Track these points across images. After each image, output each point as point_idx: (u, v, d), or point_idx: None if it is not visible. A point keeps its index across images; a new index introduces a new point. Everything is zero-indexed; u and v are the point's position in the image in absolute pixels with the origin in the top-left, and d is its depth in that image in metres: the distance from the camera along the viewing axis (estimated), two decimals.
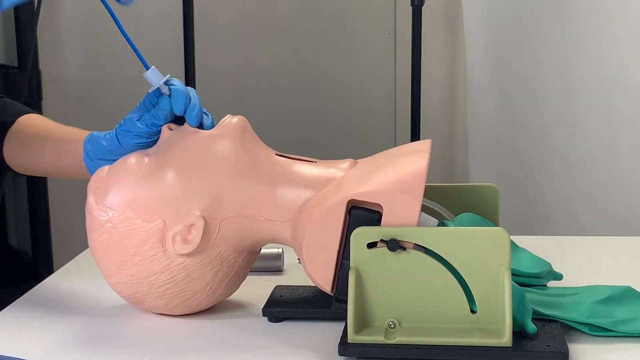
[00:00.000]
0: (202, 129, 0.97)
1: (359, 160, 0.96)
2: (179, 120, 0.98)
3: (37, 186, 2.37)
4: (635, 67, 1.88)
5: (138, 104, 0.99)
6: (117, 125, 0.99)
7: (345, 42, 2.51)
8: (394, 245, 0.85)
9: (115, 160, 0.99)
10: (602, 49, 1.95)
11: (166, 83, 0.97)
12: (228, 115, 0.97)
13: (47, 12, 2.28)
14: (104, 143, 0.99)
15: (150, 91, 0.97)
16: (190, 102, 0.96)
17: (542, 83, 2.08)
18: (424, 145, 0.94)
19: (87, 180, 0.99)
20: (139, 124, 0.96)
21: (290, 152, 1.00)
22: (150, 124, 0.96)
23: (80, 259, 1.21)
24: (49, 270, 2.27)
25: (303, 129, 2.54)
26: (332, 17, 2.50)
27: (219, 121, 0.98)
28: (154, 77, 0.96)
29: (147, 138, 0.97)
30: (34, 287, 1.11)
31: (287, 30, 2.51)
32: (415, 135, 2.29)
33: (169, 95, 0.96)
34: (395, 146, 1.20)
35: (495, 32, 2.16)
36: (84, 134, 1.03)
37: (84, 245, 1.06)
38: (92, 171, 1.01)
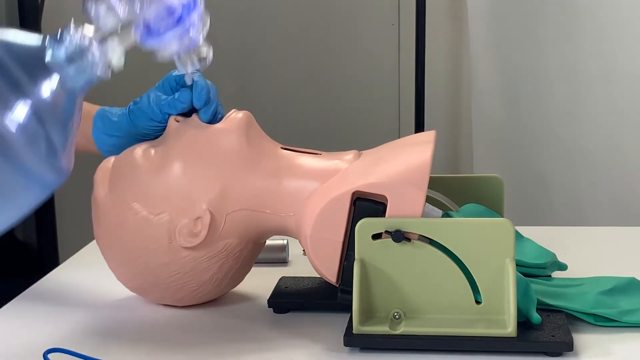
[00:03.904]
0: (211, 123, 0.97)
1: (364, 152, 0.97)
2: (186, 112, 0.98)
3: None
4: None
5: (156, 85, 0.98)
6: (131, 103, 0.99)
7: (349, 32, 2.51)
8: (399, 236, 0.85)
9: (124, 137, 0.99)
10: (607, 39, 1.95)
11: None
12: (233, 110, 0.97)
13: (51, 6, 2.28)
14: (115, 119, 1.00)
15: (174, 74, 0.97)
16: (210, 98, 0.96)
17: (546, 74, 2.08)
18: (428, 137, 0.94)
19: (93, 170, 0.99)
20: (155, 108, 0.96)
21: (294, 143, 1.00)
22: (163, 112, 0.96)
23: (86, 250, 1.22)
24: (55, 262, 2.28)
25: (306, 121, 2.54)
26: (336, 7, 2.50)
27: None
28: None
29: (159, 122, 0.97)
30: (40, 279, 1.11)
31: (291, 19, 2.51)
32: (419, 127, 2.29)
33: (191, 86, 0.95)
34: (399, 137, 1.20)
35: (500, 23, 2.16)
36: (93, 109, 1.03)
37: (90, 237, 1.07)
38: (99, 144, 1.01)
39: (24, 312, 1.00)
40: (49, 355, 0.83)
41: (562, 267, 1.05)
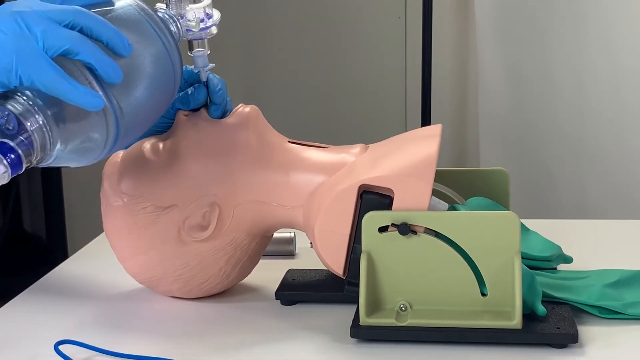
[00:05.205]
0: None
1: (370, 145, 0.97)
2: None
3: (50, 170, 2.38)
4: None
5: None
6: None
7: (355, 26, 2.51)
8: (405, 229, 0.86)
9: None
10: (613, 33, 1.95)
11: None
12: (241, 105, 0.98)
13: None
14: None
15: (187, 68, 0.97)
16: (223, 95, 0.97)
17: (552, 67, 2.08)
18: (434, 130, 0.95)
19: (101, 163, 1.00)
20: None
21: (301, 136, 1.00)
22: (175, 108, 0.96)
23: (94, 243, 1.22)
24: (64, 254, 2.29)
25: (313, 114, 2.54)
26: (343, 1, 2.50)
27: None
28: (201, 60, 0.95)
29: (170, 118, 0.98)
30: (49, 271, 1.12)
31: (298, 12, 2.51)
32: (425, 120, 2.29)
33: (205, 83, 0.96)
34: (405, 131, 1.21)
35: (507, 17, 2.16)
36: None
37: (98, 229, 1.07)
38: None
39: (33, 305, 1.00)
40: (60, 347, 0.84)
41: (568, 259, 1.05)
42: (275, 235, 1.10)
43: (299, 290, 0.98)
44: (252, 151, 0.95)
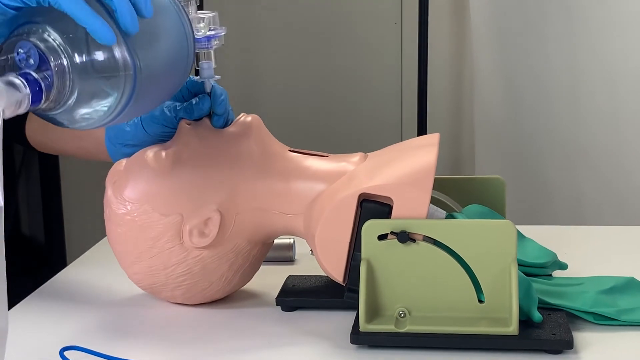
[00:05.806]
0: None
1: (369, 154, 0.98)
2: None
3: (49, 173, 2.39)
4: None
5: None
6: None
7: (351, 31, 2.52)
8: (404, 237, 0.87)
9: (137, 145, 1.00)
10: (608, 40, 1.96)
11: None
12: (242, 114, 0.99)
13: None
14: (128, 129, 1.00)
15: (191, 78, 0.98)
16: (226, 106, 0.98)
17: (548, 75, 2.09)
18: (432, 139, 0.96)
19: (99, 170, 1.00)
20: (169, 114, 0.98)
21: (297, 141, 1.01)
22: (179, 118, 0.98)
23: (96, 249, 1.23)
24: (62, 258, 2.29)
25: (309, 120, 2.54)
26: (339, 6, 2.51)
27: None
28: (207, 71, 0.96)
29: (173, 128, 0.99)
30: (51, 277, 1.12)
31: (294, 18, 2.52)
32: (421, 128, 2.30)
33: (209, 93, 0.97)
34: (402, 137, 1.22)
35: (502, 24, 2.17)
36: None
37: (97, 233, 1.08)
38: (113, 155, 1.03)
39: (36, 311, 1.01)
40: (65, 353, 0.85)
41: (563, 266, 1.07)
42: (275, 241, 1.11)
43: (299, 297, 0.99)
44: (254, 160, 0.96)
